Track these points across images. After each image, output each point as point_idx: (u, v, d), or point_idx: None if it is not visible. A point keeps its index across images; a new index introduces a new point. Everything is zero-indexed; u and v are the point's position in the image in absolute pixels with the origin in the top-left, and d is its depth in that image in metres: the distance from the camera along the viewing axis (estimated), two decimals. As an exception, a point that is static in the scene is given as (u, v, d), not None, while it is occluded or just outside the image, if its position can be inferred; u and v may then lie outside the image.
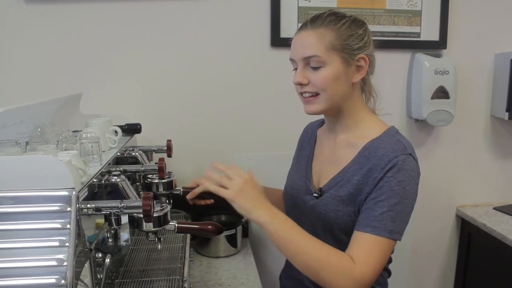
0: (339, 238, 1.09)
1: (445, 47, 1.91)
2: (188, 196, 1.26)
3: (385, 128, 1.12)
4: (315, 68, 1.06)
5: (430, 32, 1.90)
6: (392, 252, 1.05)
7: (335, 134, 1.18)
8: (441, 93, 1.86)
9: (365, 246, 0.99)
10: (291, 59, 1.12)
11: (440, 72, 1.85)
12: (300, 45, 1.08)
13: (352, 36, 1.06)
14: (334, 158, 1.16)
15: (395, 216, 0.99)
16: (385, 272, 1.19)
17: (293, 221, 1.03)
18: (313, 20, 1.09)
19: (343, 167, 1.11)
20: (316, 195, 1.15)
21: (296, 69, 1.11)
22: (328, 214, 1.10)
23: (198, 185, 1.24)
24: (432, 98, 1.85)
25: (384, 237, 0.98)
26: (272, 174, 1.41)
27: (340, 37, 1.05)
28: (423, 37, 1.90)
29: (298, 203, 1.21)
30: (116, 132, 1.36)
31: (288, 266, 1.30)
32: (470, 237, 2.02)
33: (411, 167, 1.02)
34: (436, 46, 1.91)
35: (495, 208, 2.03)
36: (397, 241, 1.01)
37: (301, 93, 1.12)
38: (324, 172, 1.18)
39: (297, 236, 1.01)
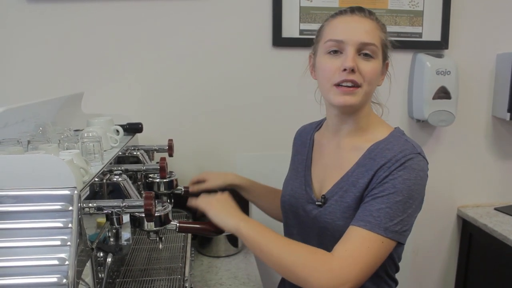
0: None
1: (447, 48, 1.91)
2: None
3: (390, 130, 1.08)
4: (367, 58, 1.01)
5: (432, 33, 1.90)
6: (400, 259, 1.03)
7: (340, 137, 1.12)
8: (443, 93, 1.86)
9: (354, 240, 0.93)
10: (335, 40, 1.01)
11: (442, 73, 1.84)
12: (360, 29, 1.00)
13: (387, 42, 1.06)
14: (338, 162, 1.10)
15: (393, 214, 0.92)
16: (391, 281, 1.11)
17: (265, 226, 1.01)
18: (364, 9, 1.04)
19: (346, 171, 1.06)
20: (319, 203, 1.08)
21: (334, 51, 1.02)
22: (335, 223, 1.03)
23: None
24: (434, 98, 1.85)
25: (377, 234, 0.91)
26: (273, 174, 1.41)
27: (386, 37, 1.05)
28: (424, 37, 1.90)
29: (299, 213, 1.15)
30: (117, 131, 1.36)
31: None
32: (471, 237, 2.02)
33: (421, 166, 0.97)
34: (438, 47, 1.91)
35: (496, 209, 2.03)
36: (399, 244, 0.95)
37: (341, 82, 1.01)
38: (326, 178, 1.12)
39: (269, 238, 0.98)
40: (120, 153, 1.27)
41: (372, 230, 0.92)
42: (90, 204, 0.87)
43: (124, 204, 0.91)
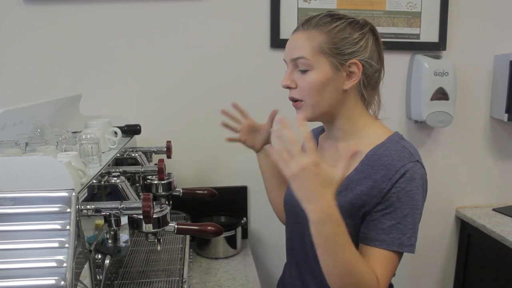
0: None
1: (444, 49, 1.91)
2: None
3: (389, 133, 1.05)
4: (303, 72, 1.01)
5: (429, 34, 1.90)
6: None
7: (335, 141, 1.11)
8: (441, 94, 1.86)
9: (382, 263, 0.93)
10: (284, 60, 1.08)
11: (440, 74, 1.85)
12: (290, 46, 1.04)
13: (344, 40, 0.99)
14: (336, 165, 1.07)
15: (405, 229, 0.93)
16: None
17: (345, 227, 0.87)
18: (307, 21, 1.03)
19: (345, 176, 1.02)
20: None
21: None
22: None
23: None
24: (432, 99, 1.85)
25: (393, 251, 0.93)
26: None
27: (331, 40, 0.99)
28: (422, 39, 1.90)
29: (298, 212, 1.12)
30: (115, 133, 1.36)
31: (286, 273, 1.25)
32: (470, 238, 2.02)
33: (420, 175, 0.97)
34: (436, 48, 1.91)
35: (494, 210, 2.03)
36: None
37: (290, 98, 1.06)
38: None
39: (341, 248, 0.87)
40: (118, 155, 1.27)
41: (389, 248, 0.93)
42: (88, 206, 0.87)
43: (122, 206, 0.91)
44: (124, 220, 0.99)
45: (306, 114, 1.03)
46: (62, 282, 0.74)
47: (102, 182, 1.04)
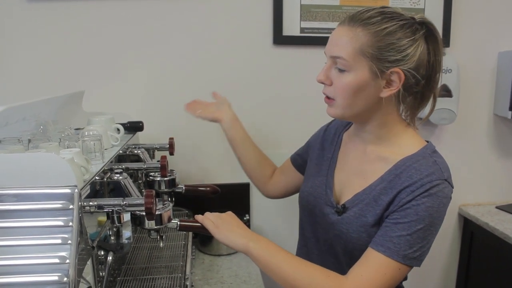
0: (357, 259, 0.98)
1: (448, 46, 1.90)
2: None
3: (421, 144, 1.01)
4: (340, 71, 0.96)
5: (433, 30, 1.89)
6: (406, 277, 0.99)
7: (364, 143, 1.07)
8: (444, 91, 1.85)
9: (370, 265, 0.92)
10: (324, 53, 1.02)
11: (443, 71, 1.83)
12: (332, 42, 0.98)
13: (390, 46, 0.92)
14: (361, 170, 1.06)
15: (413, 242, 0.91)
16: None
17: (276, 244, 1.00)
18: (355, 16, 0.96)
19: (370, 183, 1.02)
20: (338, 211, 1.06)
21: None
22: (350, 234, 1.01)
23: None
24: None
25: (395, 261, 0.91)
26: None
27: (376, 43, 0.92)
28: (426, 35, 1.89)
29: (315, 212, 1.13)
30: (118, 130, 1.36)
31: None
32: (473, 236, 2.01)
33: (445, 193, 0.95)
34: (439, 45, 1.90)
35: (497, 207, 2.02)
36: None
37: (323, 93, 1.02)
38: (348, 184, 1.08)
39: (281, 259, 0.96)
40: (121, 151, 1.27)
41: (390, 256, 0.91)
42: (90, 203, 0.87)
43: (124, 202, 0.91)
44: (126, 216, 0.99)
45: (336, 112, 1.01)
46: (65, 279, 0.74)
47: (105, 179, 1.04)
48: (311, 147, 1.26)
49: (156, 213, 0.97)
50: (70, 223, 0.78)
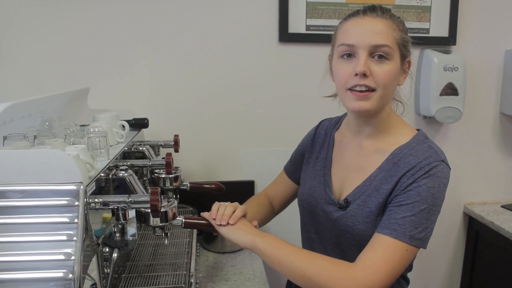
0: None
1: (454, 43, 1.90)
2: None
3: (413, 133, 1.06)
4: (381, 61, 0.97)
5: (439, 28, 1.88)
6: (415, 258, 0.99)
7: (361, 138, 1.10)
8: (450, 89, 1.85)
9: (378, 248, 0.93)
10: (347, 45, 0.99)
11: (449, 69, 1.83)
12: (370, 31, 0.97)
13: (407, 38, 1.02)
14: (360, 164, 1.08)
15: (418, 222, 0.93)
16: (403, 280, 1.13)
17: (281, 239, 1.01)
18: (380, 8, 1.01)
19: (369, 174, 1.04)
20: (341, 206, 1.07)
21: (347, 55, 1.00)
22: (356, 227, 1.03)
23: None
24: (441, 94, 1.84)
25: (402, 242, 0.92)
26: (277, 170, 1.40)
27: (403, 34, 1.01)
28: (432, 33, 1.88)
29: (317, 212, 1.14)
30: (123, 126, 1.36)
31: None
32: (478, 235, 2.01)
33: (444, 174, 0.97)
34: (446, 42, 1.89)
35: (503, 206, 2.02)
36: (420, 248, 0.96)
37: (354, 87, 0.99)
38: (347, 179, 1.10)
39: (288, 251, 0.98)
40: (126, 148, 1.27)
41: (397, 238, 0.93)
42: (96, 199, 0.87)
43: (130, 199, 0.91)
44: (131, 213, 0.99)
45: (372, 105, 1.00)
46: (70, 275, 0.74)
47: (110, 176, 1.04)
48: (303, 153, 1.28)
49: (161, 210, 0.97)
50: (76, 220, 0.78)
